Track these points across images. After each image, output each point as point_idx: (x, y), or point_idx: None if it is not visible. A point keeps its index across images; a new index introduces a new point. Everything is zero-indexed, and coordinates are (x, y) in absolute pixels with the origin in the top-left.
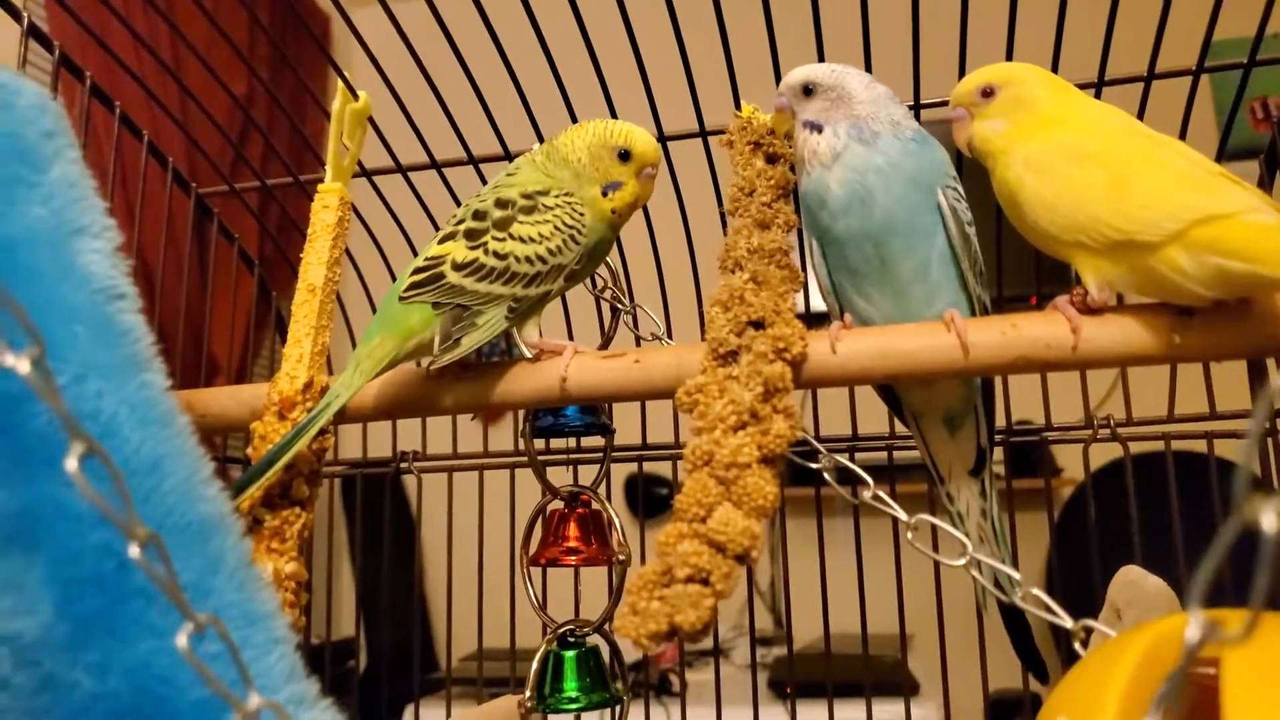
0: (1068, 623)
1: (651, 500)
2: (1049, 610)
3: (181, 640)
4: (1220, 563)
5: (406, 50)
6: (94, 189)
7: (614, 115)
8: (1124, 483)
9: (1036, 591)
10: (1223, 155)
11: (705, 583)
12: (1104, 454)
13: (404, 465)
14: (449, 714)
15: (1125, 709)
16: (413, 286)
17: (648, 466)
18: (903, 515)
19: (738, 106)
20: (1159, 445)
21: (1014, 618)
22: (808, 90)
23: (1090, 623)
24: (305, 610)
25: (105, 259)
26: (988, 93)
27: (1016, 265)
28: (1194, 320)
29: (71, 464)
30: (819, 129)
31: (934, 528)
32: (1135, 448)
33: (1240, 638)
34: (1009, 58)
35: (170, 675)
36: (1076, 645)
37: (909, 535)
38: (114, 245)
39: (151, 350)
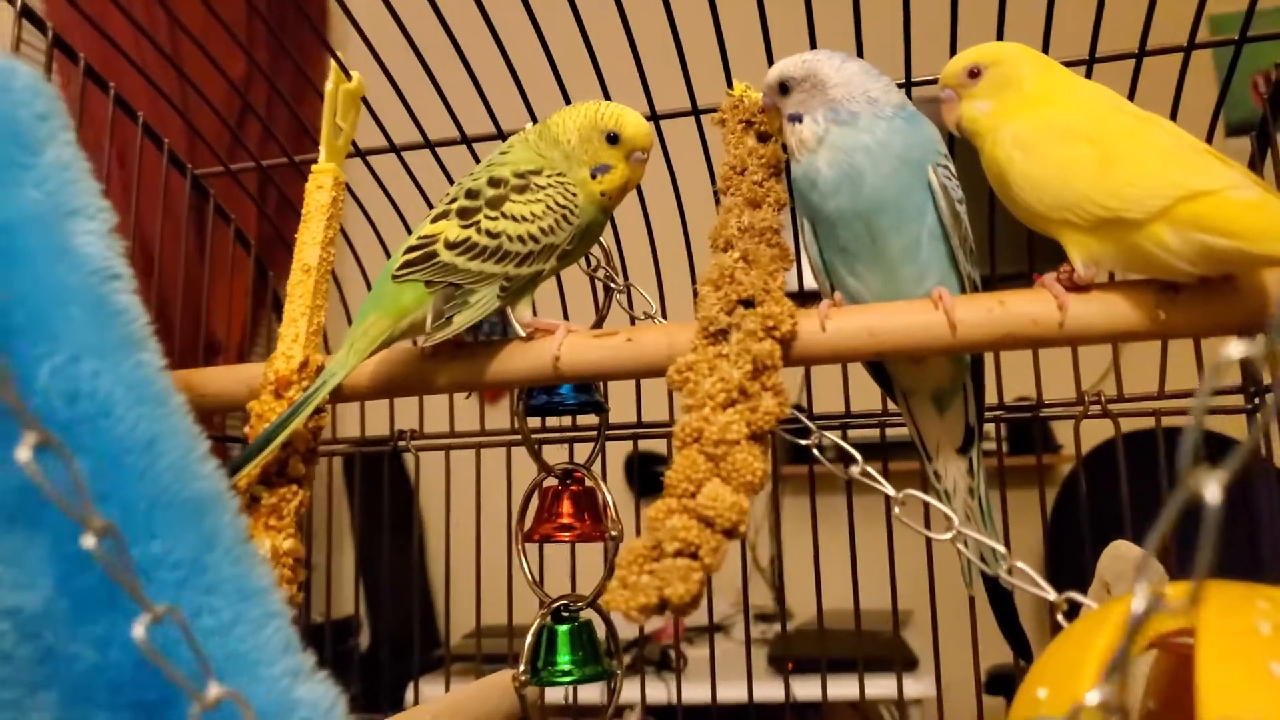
0: (1050, 595)
1: (650, 479)
2: (1033, 584)
3: (139, 630)
4: (1212, 540)
5: (400, 30)
6: (88, 171)
7: (606, 93)
8: (1116, 459)
9: (1021, 565)
10: (1213, 133)
11: (694, 556)
12: (1100, 432)
13: (402, 444)
14: (448, 690)
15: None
16: (406, 265)
17: (647, 445)
18: (890, 490)
19: (730, 85)
20: (1150, 422)
21: (999, 594)
22: (784, 88)
23: (1073, 595)
24: (304, 587)
25: (100, 240)
26: (974, 73)
27: (1010, 245)
28: (1180, 297)
29: (24, 454)
30: (800, 120)
31: (925, 504)
32: (1128, 425)
33: (1182, 610)
34: (1000, 36)
35: (169, 648)
36: (1060, 618)
37: (896, 510)
38: (109, 227)
39: (146, 330)
